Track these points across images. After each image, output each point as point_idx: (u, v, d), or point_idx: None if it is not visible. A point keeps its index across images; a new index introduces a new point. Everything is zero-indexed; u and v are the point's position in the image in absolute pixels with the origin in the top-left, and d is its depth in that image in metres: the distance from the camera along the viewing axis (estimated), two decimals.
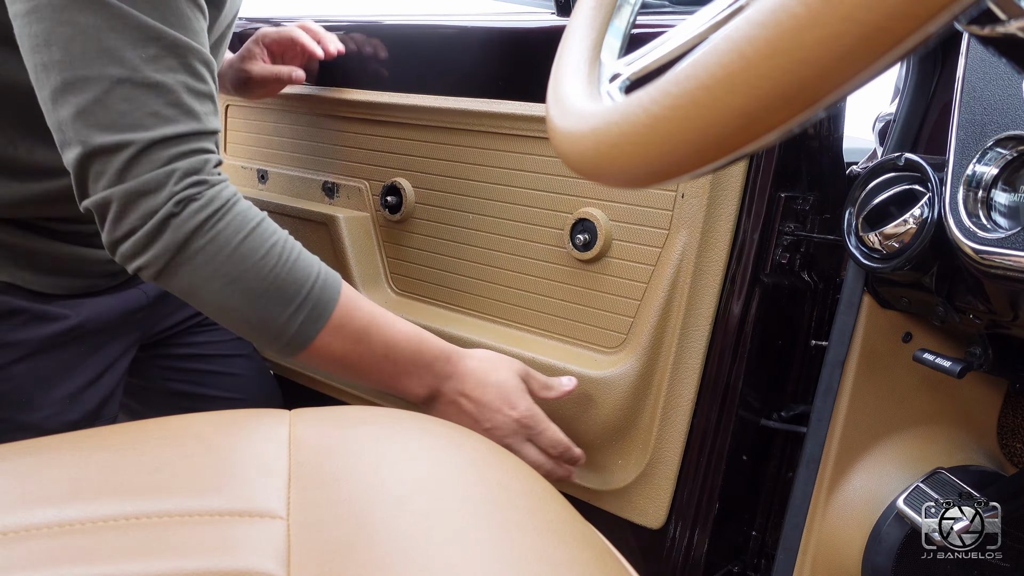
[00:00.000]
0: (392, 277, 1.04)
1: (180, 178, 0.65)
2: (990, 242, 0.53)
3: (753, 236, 0.75)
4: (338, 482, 0.46)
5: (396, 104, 0.98)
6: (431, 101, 0.95)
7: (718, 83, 0.24)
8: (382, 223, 1.03)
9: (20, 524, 0.39)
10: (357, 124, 1.04)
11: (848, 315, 0.72)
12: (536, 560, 0.40)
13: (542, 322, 0.90)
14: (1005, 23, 0.30)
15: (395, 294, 1.04)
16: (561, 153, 0.36)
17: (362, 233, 1.03)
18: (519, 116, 0.88)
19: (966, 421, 0.78)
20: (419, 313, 0.98)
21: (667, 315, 0.79)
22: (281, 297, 0.68)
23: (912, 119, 0.69)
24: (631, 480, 0.83)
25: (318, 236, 1.05)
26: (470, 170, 0.93)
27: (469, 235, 0.95)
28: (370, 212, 1.04)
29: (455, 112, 0.93)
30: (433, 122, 0.96)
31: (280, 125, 1.15)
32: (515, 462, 0.52)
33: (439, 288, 0.99)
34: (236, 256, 0.67)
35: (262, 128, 1.18)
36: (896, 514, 0.70)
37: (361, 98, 1.02)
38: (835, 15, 0.21)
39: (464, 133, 0.93)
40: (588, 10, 0.45)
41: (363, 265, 1.03)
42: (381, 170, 1.02)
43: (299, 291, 0.69)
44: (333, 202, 1.07)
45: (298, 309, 0.69)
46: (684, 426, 0.79)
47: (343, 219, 1.02)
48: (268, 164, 1.17)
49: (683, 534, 0.81)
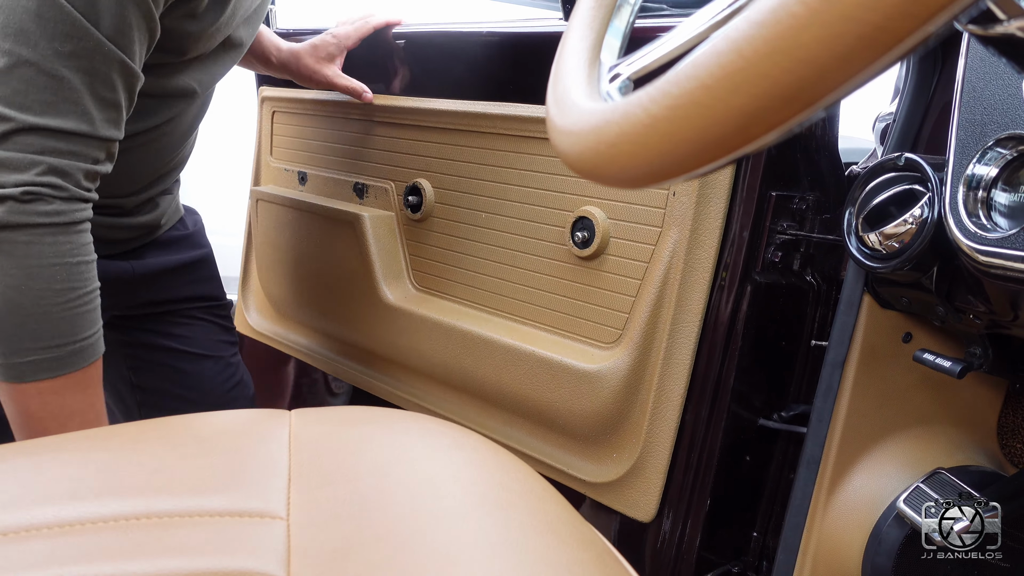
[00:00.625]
0: (414, 274, 1.08)
1: (42, 172, 0.65)
2: (990, 242, 0.53)
3: (743, 234, 0.76)
4: (338, 483, 0.46)
5: (417, 108, 1.03)
6: (445, 104, 0.99)
7: (718, 83, 0.24)
8: (405, 222, 1.07)
9: (20, 524, 0.39)
10: (384, 128, 1.09)
11: (848, 315, 0.72)
12: (537, 561, 0.40)
13: (544, 317, 0.92)
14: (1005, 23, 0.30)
15: (415, 290, 1.07)
16: (560, 153, 0.36)
17: (386, 231, 1.07)
18: (526, 118, 0.91)
19: (966, 421, 0.78)
20: (435, 308, 1.01)
21: (658, 311, 0.80)
22: (36, 330, 0.67)
23: (912, 119, 0.69)
24: (623, 473, 0.85)
25: (346, 234, 1.09)
26: (481, 170, 0.97)
27: (480, 233, 0.98)
28: (395, 211, 1.08)
29: (465, 115, 0.97)
30: (448, 125, 1.00)
31: (318, 130, 1.20)
32: (516, 462, 0.52)
33: (454, 284, 1.02)
34: (32, 272, 0.66)
35: (303, 133, 1.23)
36: (896, 514, 0.70)
37: (388, 103, 1.07)
38: (835, 14, 0.21)
39: (474, 135, 0.97)
40: (587, 10, 0.45)
41: (386, 262, 1.07)
42: (405, 171, 1.06)
43: (55, 337, 0.68)
44: (363, 202, 1.12)
45: (42, 350, 0.68)
46: (674, 421, 0.80)
47: (367, 218, 1.06)
48: (308, 167, 1.23)
49: (674, 528, 0.82)
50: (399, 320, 1.05)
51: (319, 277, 1.17)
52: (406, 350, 1.05)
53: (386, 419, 0.55)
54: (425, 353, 1.02)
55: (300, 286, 1.22)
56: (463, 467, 0.49)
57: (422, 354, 1.03)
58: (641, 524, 0.84)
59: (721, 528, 0.82)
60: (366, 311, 1.09)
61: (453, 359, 0.98)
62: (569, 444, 0.91)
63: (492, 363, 0.94)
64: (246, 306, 1.39)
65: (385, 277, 1.06)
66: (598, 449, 0.88)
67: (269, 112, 1.30)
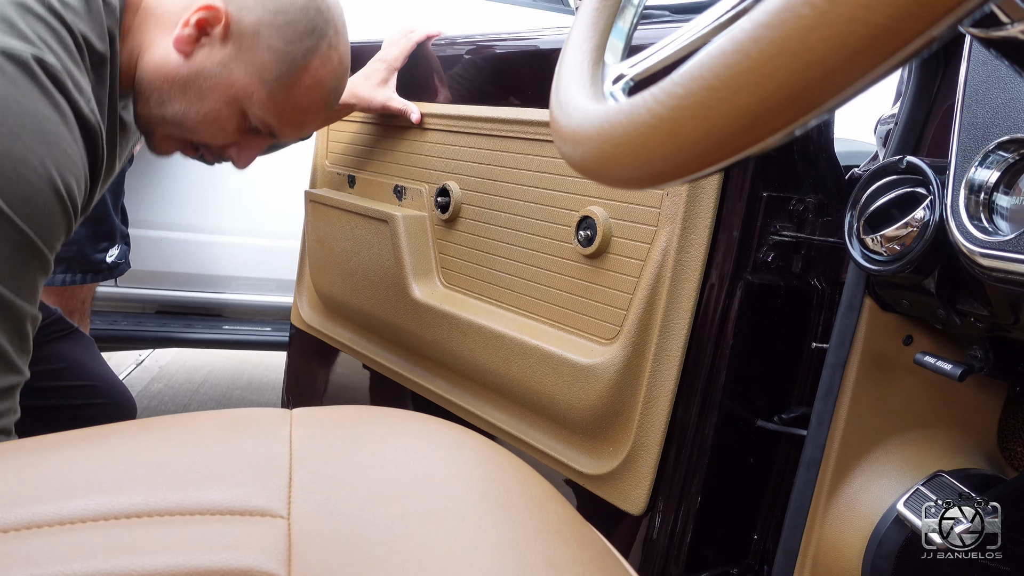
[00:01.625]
0: (442, 272, 1.12)
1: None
2: (991, 245, 0.53)
3: (733, 234, 0.76)
4: (339, 481, 0.46)
5: (447, 113, 1.09)
6: (467, 110, 1.06)
7: (723, 84, 0.24)
8: (436, 222, 1.12)
9: (21, 520, 0.39)
10: (421, 132, 1.15)
11: (849, 317, 0.72)
12: (537, 561, 0.40)
13: (550, 312, 0.95)
14: (1009, 26, 0.30)
15: (443, 287, 1.12)
16: (564, 154, 0.36)
17: (419, 231, 1.13)
18: (535, 121, 0.95)
19: (967, 424, 0.78)
20: (459, 305, 1.06)
21: (652, 308, 0.82)
22: None
23: (914, 122, 0.69)
24: (616, 465, 0.87)
25: (383, 234, 1.15)
26: (498, 172, 1.02)
27: (497, 232, 1.02)
28: (428, 212, 1.13)
29: (482, 119, 1.03)
30: (469, 129, 1.06)
31: (367, 135, 1.27)
32: (516, 462, 0.52)
33: (475, 281, 1.06)
34: None
35: (354, 138, 1.31)
36: (896, 517, 0.70)
37: (424, 109, 1.14)
38: (841, 16, 0.21)
39: (492, 138, 1.02)
40: (591, 12, 0.45)
41: (417, 260, 1.12)
42: (437, 174, 1.12)
43: None
44: (401, 204, 1.18)
45: None
46: (665, 416, 0.82)
47: (400, 217, 1.12)
48: (356, 171, 1.30)
49: (665, 523, 0.83)
50: (427, 316, 1.09)
51: (360, 275, 1.23)
52: (432, 345, 1.10)
53: (387, 418, 0.55)
54: (448, 347, 1.06)
55: (345, 283, 1.28)
56: (463, 467, 0.49)
57: (446, 349, 1.07)
58: (633, 517, 0.86)
59: (715, 526, 0.83)
60: (399, 307, 1.14)
61: (470, 352, 1.03)
62: (569, 436, 0.93)
63: (502, 356, 0.97)
64: (300, 302, 1.46)
65: (415, 275, 1.11)
66: (595, 442, 0.90)
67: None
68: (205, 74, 0.84)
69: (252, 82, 0.84)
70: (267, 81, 0.84)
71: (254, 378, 2.67)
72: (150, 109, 0.87)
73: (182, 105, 0.86)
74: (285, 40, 0.84)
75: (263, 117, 0.87)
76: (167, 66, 0.85)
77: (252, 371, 2.73)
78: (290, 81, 0.85)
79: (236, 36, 0.83)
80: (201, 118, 0.86)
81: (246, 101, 0.85)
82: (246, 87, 0.84)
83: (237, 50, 0.84)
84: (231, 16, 0.83)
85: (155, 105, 0.87)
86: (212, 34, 0.83)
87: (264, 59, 0.84)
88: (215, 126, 0.87)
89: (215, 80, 0.84)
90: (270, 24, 0.83)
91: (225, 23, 0.83)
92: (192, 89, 0.85)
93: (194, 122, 0.87)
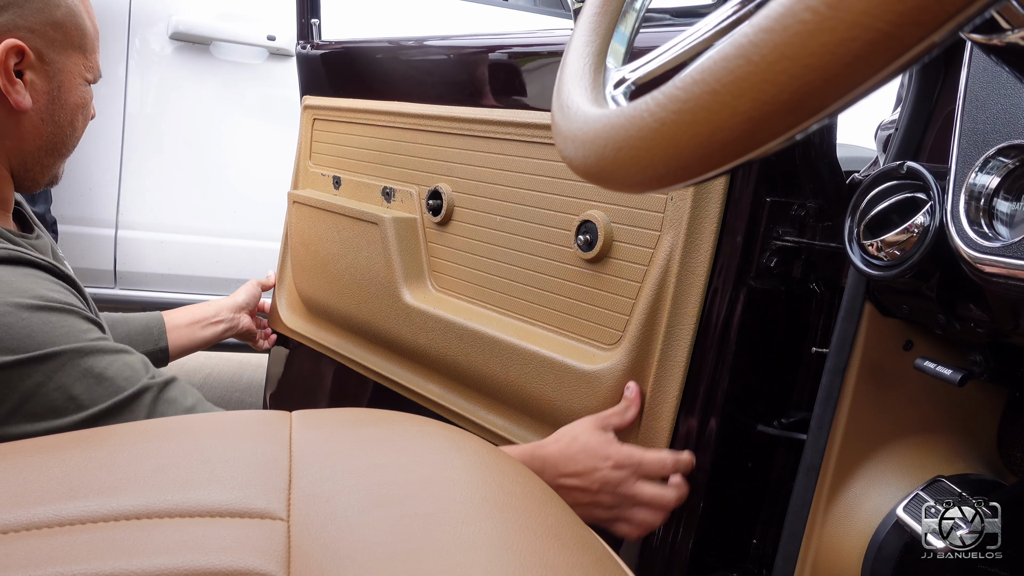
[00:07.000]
0: (433, 276, 1.10)
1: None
2: (991, 251, 0.53)
3: (737, 239, 0.76)
4: (338, 484, 0.46)
5: (439, 115, 1.07)
6: (463, 111, 1.04)
7: (725, 88, 0.24)
8: (428, 225, 1.10)
9: (20, 522, 0.39)
10: (411, 133, 1.13)
11: (849, 322, 0.72)
12: (536, 564, 0.40)
13: (550, 317, 0.94)
14: (1009, 32, 0.31)
15: (435, 291, 1.10)
16: (565, 158, 0.36)
17: (409, 233, 1.10)
18: (533, 124, 0.94)
19: (966, 430, 0.78)
20: (452, 309, 1.04)
21: (655, 314, 0.81)
22: None
23: (914, 127, 0.70)
24: None
25: (371, 236, 1.13)
26: (493, 175, 1.00)
27: (493, 235, 1.01)
28: (419, 215, 1.11)
29: (479, 120, 1.01)
30: (464, 130, 1.04)
31: (353, 136, 1.25)
32: (515, 465, 0.52)
33: (470, 285, 1.04)
34: None
35: (340, 139, 1.28)
36: (896, 522, 0.70)
37: (415, 110, 1.11)
38: (843, 21, 0.21)
39: (488, 140, 1.01)
40: (593, 16, 0.45)
41: (408, 263, 1.10)
42: (428, 176, 1.10)
43: None
44: (390, 205, 1.16)
45: None
46: (669, 423, 0.81)
47: (389, 219, 1.10)
48: (342, 172, 1.27)
49: (665, 527, 0.83)
50: (419, 320, 1.07)
51: (347, 278, 1.21)
52: (424, 349, 1.08)
53: (386, 421, 0.55)
54: (442, 352, 1.05)
55: (331, 287, 1.26)
56: (463, 469, 0.49)
57: (439, 353, 1.05)
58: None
59: (717, 532, 0.83)
60: (389, 311, 1.12)
61: (464, 357, 1.01)
62: None
63: (499, 361, 0.96)
64: (281, 306, 1.44)
65: (406, 278, 1.09)
66: None
67: (310, 119, 1.35)
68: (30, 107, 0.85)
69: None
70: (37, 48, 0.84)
71: (254, 380, 2.67)
72: (34, 176, 0.90)
73: (40, 139, 0.88)
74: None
75: (55, 59, 0.86)
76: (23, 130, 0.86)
77: (252, 373, 2.73)
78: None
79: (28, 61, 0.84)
80: (56, 130, 0.88)
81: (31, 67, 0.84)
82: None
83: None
84: (25, 46, 0.83)
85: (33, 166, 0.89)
86: (24, 71, 0.84)
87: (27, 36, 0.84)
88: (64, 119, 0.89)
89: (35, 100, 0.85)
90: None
91: (27, 54, 0.83)
92: (28, 121, 0.86)
93: (56, 137, 0.89)
